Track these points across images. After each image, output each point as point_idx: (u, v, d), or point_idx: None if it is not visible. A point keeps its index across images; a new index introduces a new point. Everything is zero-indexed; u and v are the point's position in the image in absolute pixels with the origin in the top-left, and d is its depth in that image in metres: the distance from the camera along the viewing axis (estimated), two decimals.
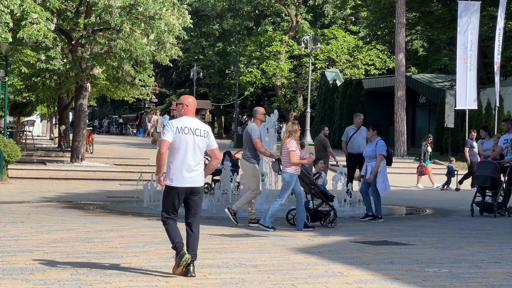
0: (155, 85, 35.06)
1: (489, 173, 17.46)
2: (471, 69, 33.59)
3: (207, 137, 9.16)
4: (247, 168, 15.00)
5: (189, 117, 9.19)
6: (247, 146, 14.97)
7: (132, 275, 9.09)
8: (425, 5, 47.94)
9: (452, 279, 9.22)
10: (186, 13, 28.17)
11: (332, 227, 14.84)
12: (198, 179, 9.14)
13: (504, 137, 18.17)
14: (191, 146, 9.05)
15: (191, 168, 9.07)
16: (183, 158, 9.05)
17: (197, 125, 9.14)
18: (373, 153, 16.13)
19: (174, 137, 9.03)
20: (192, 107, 9.24)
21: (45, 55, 26.63)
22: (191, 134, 9.06)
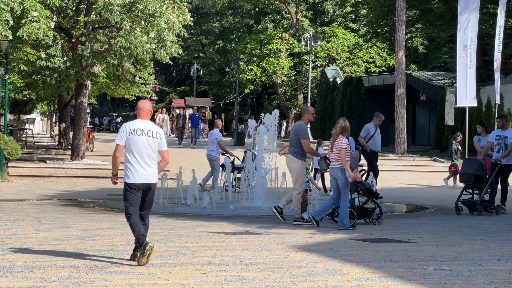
0: (155, 83, 35.06)
1: (473, 170, 17.21)
2: (470, 67, 33.56)
3: (159, 138, 10.09)
4: (295, 164, 15.02)
5: (143, 120, 10.11)
6: (295, 143, 15.01)
7: (132, 273, 9.09)
8: (425, 2, 47.88)
9: (452, 276, 9.22)
10: (186, 11, 28.14)
11: (378, 225, 14.88)
12: (152, 176, 10.05)
13: (496, 132, 17.99)
14: (144, 146, 9.97)
15: (145, 166, 9.97)
16: (138, 157, 9.95)
17: (150, 127, 10.06)
18: None
19: (128, 139, 9.97)
20: (147, 111, 10.15)
21: (45, 53, 26.61)
22: (144, 136, 9.98)
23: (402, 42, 37.65)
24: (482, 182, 17.29)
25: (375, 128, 20.84)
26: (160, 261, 9.97)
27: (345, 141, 14.22)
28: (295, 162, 14.94)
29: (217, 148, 22.37)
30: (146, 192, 10.04)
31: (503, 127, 17.87)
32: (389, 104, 43.96)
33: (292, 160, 14.97)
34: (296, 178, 14.96)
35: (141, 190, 9.99)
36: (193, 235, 12.79)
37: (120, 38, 26.46)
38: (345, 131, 14.35)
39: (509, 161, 17.67)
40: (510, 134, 17.67)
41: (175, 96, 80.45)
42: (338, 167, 14.28)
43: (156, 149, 10.12)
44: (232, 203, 19.11)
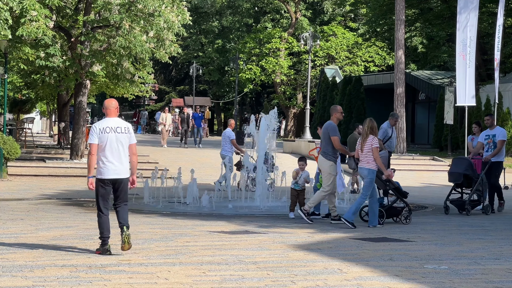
0: (155, 82, 35.04)
1: (462, 170, 17.08)
2: (470, 66, 33.56)
3: (128, 133, 10.63)
4: (325, 165, 15.13)
5: (111, 118, 10.67)
6: (326, 143, 15.15)
7: (131, 272, 9.10)
8: (425, 1, 47.90)
9: (452, 275, 9.22)
10: (186, 10, 28.14)
11: (407, 224, 14.95)
12: (122, 171, 10.58)
13: (485, 132, 17.90)
14: (114, 143, 10.50)
15: (115, 162, 10.50)
16: (108, 153, 10.49)
17: (118, 124, 10.63)
18: None
19: (99, 137, 10.53)
20: (114, 108, 10.70)
21: (44, 53, 26.60)
22: (113, 133, 10.52)
23: (401, 41, 37.65)
24: (472, 182, 17.16)
25: (391, 128, 20.73)
26: (159, 260, 9.97)
27: (376, 141, 14.41)
28: (325, 162, 15.12)
29: (231, 147, 22.54)
30: (117, 186, 10.59)
31: (492, 126, 17.87)
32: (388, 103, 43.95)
33: (323, 161, 15.17)
34: (327, 179, 15.15)
35: (111, 184, 10.56)
36: (192, 234, 12.79)
37: (119, 38, 26.45)
38: (373, 130, 14.54)
39: (499, 159, 17.64)
40: (498, 132, 17.71)
41: (174, 96, 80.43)
42: (366, 167, 14.45)
43: (127, 144, 10.59)
44: (231, 202, 19.11)
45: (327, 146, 15.10)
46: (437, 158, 35.30)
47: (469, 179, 17.17)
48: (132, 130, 10.81)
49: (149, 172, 21.29)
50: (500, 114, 35.32)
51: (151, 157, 32.58)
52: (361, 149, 14.54)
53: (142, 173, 20.76)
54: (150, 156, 32.99)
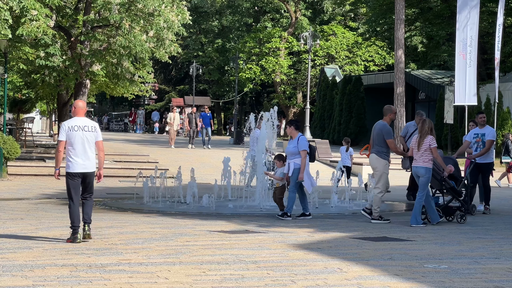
0: (155, 81, 35.09)
1: None
2: (470, 65, 33.54)
3: (94, 131, 11.66)
4: (379, 164, 15.23)
5: (79, 117, 11.71)
6: (379, 143, 15.27)
7: (131, 271, 9.09)
8: (424, 1, 47.90)
9: (452, 275, 9.22)
10: (185, 10, 28.13)
11: (463, 223, 15.09)
12: (89, 166, 11.63)
13: (474, 131, 17.59)
14: (81, 140, 11.54)
15: (83, 157, 11.57)
16: (76, 150, 11.55)
17: (86, 123, 11.68)
18: (295, 150, 15.60)
19: (68, 135, 11.57)
20: (81, 109, 11.77)
21: (44, 52, 26.60)
22: (81, 131, 11.56)
23: (401, 41, 37.65)
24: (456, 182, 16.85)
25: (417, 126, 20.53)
26: (159, 259, 9.98)
27: (435, 141, 14.62)
28: (379, 161, 15.23)
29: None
30: (85, 179, 11.71)
31: (483, 124, 17.53)
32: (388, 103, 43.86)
33: (376, 160, 15.24)
34: (379, 178, 15.23)
35: (80, 177, 11.65)
36: (192, 234, 12.80)
37: (119, 37, 26.45)
38: (432, 131, 14.72)
39: (487, 159, 17.30)
40: (487, 131, 17.37)
41: (174, 95, 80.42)
42: (422, 166, 14.58)
43: (93, 141, 11.65)
44: (232, 201, 19.11)
45: (381, 145, 15.28)
46: None
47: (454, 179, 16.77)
48: (98, 129, 11.84)
49: (149, 172, 21.29)
50: (500, 114, 35.32)
51: (151, 156, 32.59)
52: (418, 148, 14.71)
53: (142, 173, 20.75)
54: (150, 156, 33.00)
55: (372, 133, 15.69)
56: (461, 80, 33.57)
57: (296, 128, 15.95)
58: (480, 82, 38.15)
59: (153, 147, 39.81)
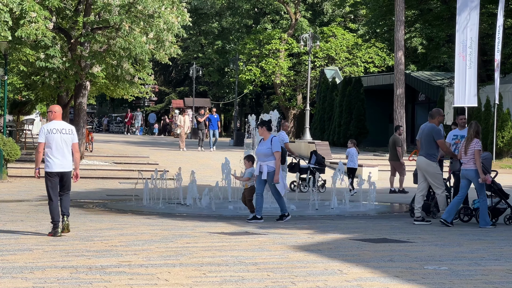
0: (155, 83, 35.05)
1: None
2: (470, 67, 33.54)
3: (71, 134, 12.58)
4: (429, 166, 15.35)
5: (57, 121, 12.61)
6: (429, 145, 15.37)
7: (131, 273, 9.09)
8: (424, 2, 47.91)
9: (452, 276, 9.22)
10: (185, 11, 28.15)
11: (510, 224, 15.25)
12: (66, 165, 12.52)
13: (454, 132, 17.29)
14: (59, 142, 12.43)
15: (61, 158, 12.44)
16: (54, 150, 12.41)
17: (63, 126, 12.58)
18: (268, 151, 15.32)
19: (47, 137, 12.46)
20: (58, 113, 12.68)
21: (44, 54, 26.61)
22: (59, 133, 12.45)
23: (401, 42, 37.65)
24: None
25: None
26: (159, 261, 9.97)
27: (479, 144, 14.68)
28: (430, 164, 15.34)
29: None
30: (62, 178, 12.56)
31: (464, 126, 17.13)
32: (388, 104, 43.98)
33: (426, 162, 15.34)
34: (434, 179, 15.36)
35: (58, 176, 12.50)
36: (192, 236, 12.79)
37: (119, 39, 26.46)
38: (478, 134, 14.78)
39: None
40: None
41: (174, 97, 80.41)
42: (473, 168, 14.69)
43: (70, 143, 12.55)
44: (232, 203, 19.11)
45: (430, 148, 15.38)
46: None
47: None
48: (75, 131, 12.77)
49: (149, 173, 21.30)
50: (500, 115, 35.31)
51: (152, 158, 32.59)
52: (465, 151, 14.82)
53: (142, 174, 20.76)
54: (150, 157, 33.00)
55: (420, 136, 15.76)
56: (461, 82, 33.57)
57: (268, 129, 15.70)
58: (480, 84, 38.15)
59: (152, 149, 39.80)
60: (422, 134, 15.56)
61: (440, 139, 15.35)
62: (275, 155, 15.30)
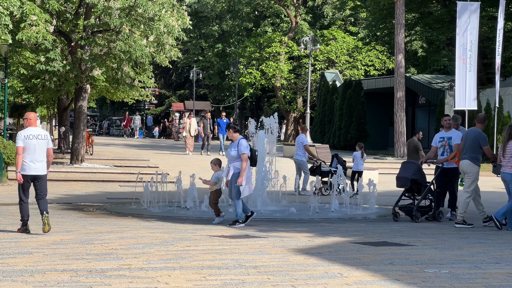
0: (155, 86, 35.09)
1: (409, 174, 16.42)
2: (470, 70, 33.56)
3: (46, 139, 13.30)
4: (473, 169, 15.57)
5: (33, 127, 13.31)
6: (474, 149, 15.54)
7: (132, 276, 9.09)
8: (424, 5, 47.96)
9: (452, 279, 9.21)
10: (186, 15, 28.17)
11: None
12: (41, 169, 13.23)
13: (440, 134, 17.02)
14: (35, 147, 13.15)
15: (36, 162, 13.16)
16: (31, 155, 13.12)
17: (39, 132, 13.30)
18: (235, 153, 15.16)
19: (24, 143, 13.14)
20: (33, 120, 13.41)
21: (44, 57, 26.63)
22: (35, 139, 13.17)
23: (401, 45, 37.68)
24: (421, 187, 16.52)
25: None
26: (159, 264, 9.97)
27: None
28: (473, 167, 15.55)
29: (304, 152, 23.41)
30: (36, 180, 13.26)
31: (449, 128, 16.89)
32: (388, 107, 44.03)
33: (470, 165, 15.54)
34: (471, 183, 15.52)
35: (31, 180, 13.22)
36: (192, 239, 12.79)
37: (119, 42, 26.47)
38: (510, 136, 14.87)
39: (454, 164, 16.65)
40: (454, 135, 16.72)
41: (175, 100, 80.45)
42: (509, 172, 14.84)
43: (45, 148, 13.26)
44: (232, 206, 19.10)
45: (475, 151, 15.55)
46: None
47: (418, 184, 16.54)
48: (49, 137, 13.49)
49: (149, 177, 21.28)
50: (500, 118, 35.33)
51: (151, 161, 32.58)
52: (503, 155, 14.94)
53: (142, 177, 20.74)
54: (151, 160, 33.00)
55: (464, 140, 15.83)
56: (461, 85, 33.58)
57: (235, 131, 15.45)
58: (480, 87, 38.20)
59: (152, 152, 39.79)
60: (467, 138, 15.69)
61: (486, 146, 15.59)
62: (241, 157, 15.09)
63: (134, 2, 25.92)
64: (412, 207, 16.48)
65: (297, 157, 23.41)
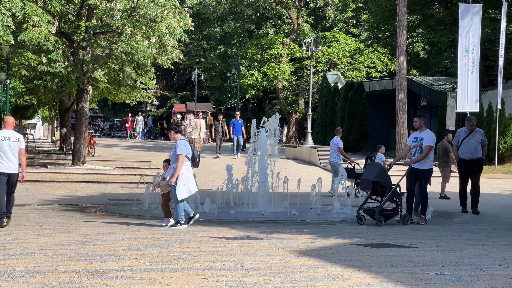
0: (157, 88, 35.08)
1: (372, 177, 15.96)
2: (473, 72, 33.54)
3: (18, 141, 14.78)
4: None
5: (7, 130, 14.82)
6: None
7: (133, 278, 9.08)
8: (426, 7, 47.92)
9: (454, 281, 9.20)
10: (187, 16, 28.18)
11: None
12: (13, 168, 14.66)
13: (414, 135, 16.54)
14: (7, 148, 14.61)
15: (7, 161, 14.57)
16: (2, 155, 14.57)
17: (11, 134, 14.75)
18: (174, 154, 14.98)
19: None
20: (9, 123, 14.93)
21: (46, 58, 26.64)
22: (6, 140, 14.63)
23: (403, 47, 37.65)
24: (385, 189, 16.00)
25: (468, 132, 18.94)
26: (161, 266, 9.97)
27: None
28: None
29: (339, 154, 23.73)
30: (9, 178, 14.65)
31: (420, 128, 16.41)
32: (390, 109, 44.00)
33: None
34: None
35: (6, 176, 14.59)
36: (194, 240, 12.79)
37: (121, 43, 26.48)
38: None
39: (424, 165, 16.28)
40: (426, 136, 16.26)
41: (176, 101, 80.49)
42: None
43: (17, 149, 14.71)
44: (233, 208, 19.11)
45: None
46: None
47: (382, 187, 16.04)
48: (22, 139, 14.99)
49: (150, 178, 21.28)
50: (502, 120, 35.31)
51: (153, 162, 32.58)
52: None
53: (145, 179, 20.75)
54: (152, 162, 32.99)
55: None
56: (463, 87, 33.57)
57: (176, 132, 15.24)
58: (482, 89, 38.17)
59: (154, 153, 39.78)
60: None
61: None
62: (178, 157, 14.85)
63: (136, 3, 25.93)
64: (374, 210, 16.00)
65: (332, 159, 23.86)
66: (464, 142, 18.78)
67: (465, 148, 18.77)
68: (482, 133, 18.95)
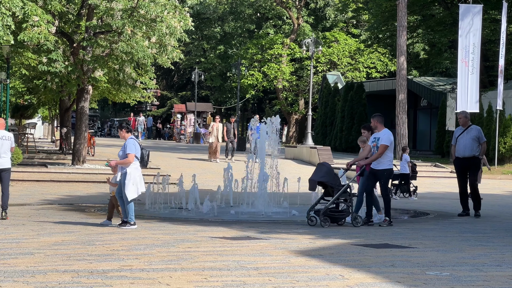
0: (157, 87, 35.09)
1: (318, 177, 15.60)
2: (473, 72, 33.55)
3: (9, 140, 16.24)
4: None
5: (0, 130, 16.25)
6: None
7: (133, 277, 9.08)
8: (427, 8, 47.93)
9: (453, 282, 9.20)
10: (188, 16, 28.18)
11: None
12: (5, 164, 16.09)
13: (375, 135, 16.19)
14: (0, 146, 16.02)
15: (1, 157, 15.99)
16: None
17: (3, 134, 16.20)
18: (122, 153, 14.94)
19: None
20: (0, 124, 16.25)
21: (46, 58, 26.63)
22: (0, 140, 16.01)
23: (403, 48, 37.66)
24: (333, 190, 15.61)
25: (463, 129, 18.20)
26: (161, 265, 9.96)
27: None
28: None
29: None
30: (2, 173, 16.00)
31: (376, 128, 16.10)
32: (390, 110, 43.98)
33: None
34: None
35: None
36: (194, 240, 12.79)
37: (121, 43, 26.47)
38: None
39: (380, 166, 15.83)
40: (382, 135, 15.89)
41: (176, 101, 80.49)
42: None
43: (8, 147, 16.16)
44: (233, 208, 19.11)
45: None
46: (438, 165, 35.29)
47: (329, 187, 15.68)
48: (13, 138, 16.44)
49: (151, 178, 21.28)
50: (502, 121, 35.31)
51: (153, 162, 32.58)
52: None
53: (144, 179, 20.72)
54: (152, 162, 32.98)
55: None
56: (463, 87, 33.58)
57: (128, 131, 15.12)
58: (482, 89, 38.17)
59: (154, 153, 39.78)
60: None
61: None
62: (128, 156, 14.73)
63: (136, 3, 25.94)
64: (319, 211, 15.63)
65: None
66: (459, 139, 18.12)
67: (459, 145, 18.09)
68: (478, 129, 18.12)
